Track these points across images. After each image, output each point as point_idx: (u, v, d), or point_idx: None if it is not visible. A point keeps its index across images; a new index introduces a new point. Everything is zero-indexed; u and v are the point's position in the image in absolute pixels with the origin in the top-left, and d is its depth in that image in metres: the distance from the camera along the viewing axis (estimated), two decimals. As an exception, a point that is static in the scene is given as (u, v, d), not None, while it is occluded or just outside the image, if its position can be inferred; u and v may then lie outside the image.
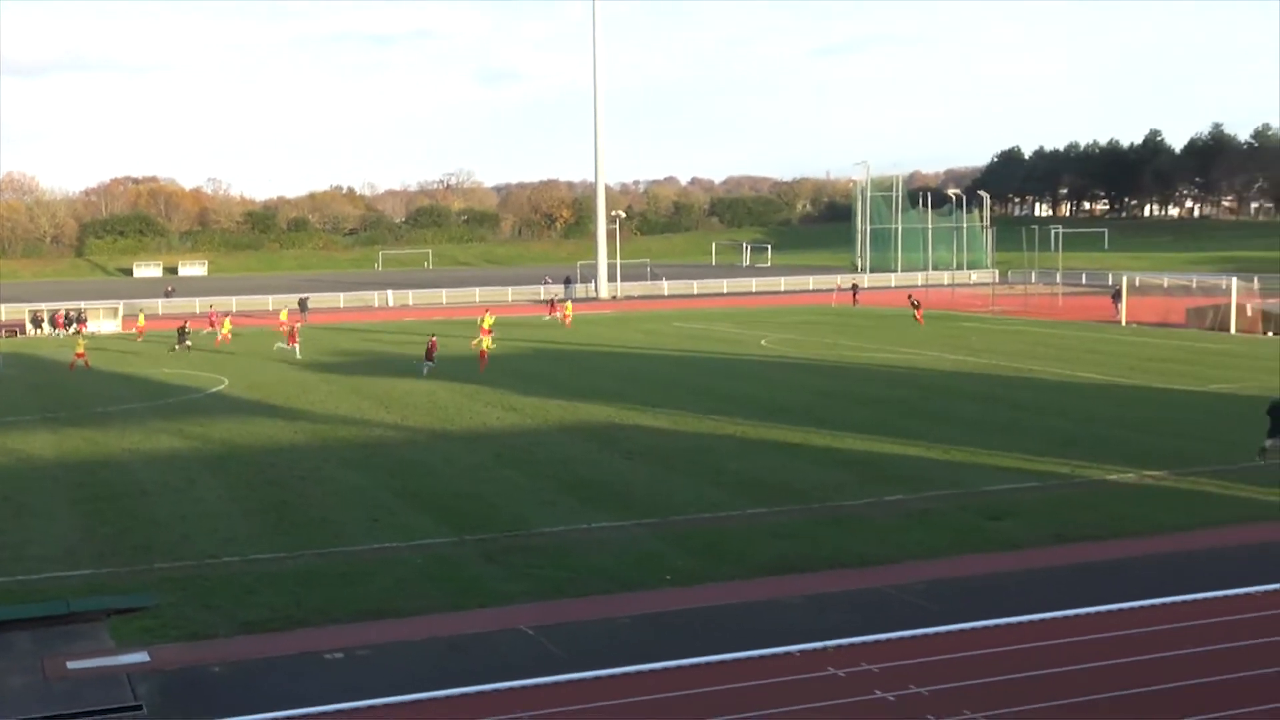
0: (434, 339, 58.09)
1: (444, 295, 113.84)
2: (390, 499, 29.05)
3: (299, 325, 70.19)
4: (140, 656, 18.49)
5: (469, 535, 25.60)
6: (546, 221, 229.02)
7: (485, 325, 65.00)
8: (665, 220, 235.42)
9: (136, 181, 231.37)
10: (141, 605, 20.04)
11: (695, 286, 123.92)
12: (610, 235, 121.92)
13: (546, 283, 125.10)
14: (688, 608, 20.78)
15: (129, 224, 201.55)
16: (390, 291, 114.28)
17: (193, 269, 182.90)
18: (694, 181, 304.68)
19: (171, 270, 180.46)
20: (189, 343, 67.22)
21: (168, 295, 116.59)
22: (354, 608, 21.05)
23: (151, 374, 56.31)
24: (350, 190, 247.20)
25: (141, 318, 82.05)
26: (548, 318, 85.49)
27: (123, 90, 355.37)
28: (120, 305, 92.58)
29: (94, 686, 17.11)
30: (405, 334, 75.27)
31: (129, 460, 34.60)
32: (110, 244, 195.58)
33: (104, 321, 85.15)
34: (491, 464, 33.07)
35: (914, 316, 77.32)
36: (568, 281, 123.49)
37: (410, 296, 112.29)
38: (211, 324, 75.90)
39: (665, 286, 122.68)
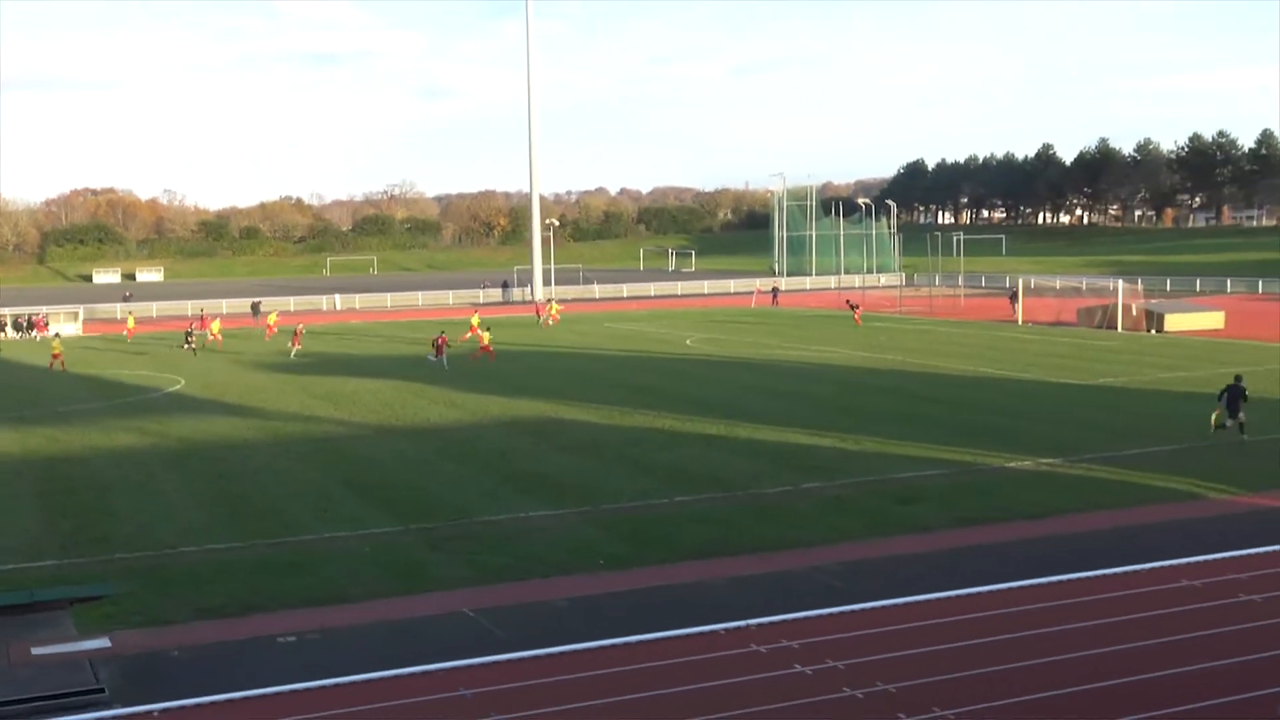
0: (444, 335, 58.72)
1: (389, 299, 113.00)
2: (339, 491, 28.78)
3: (302, 327, 69.46)
4: (102, 642, 18.21)
5: (414, 524, 25.43)
6: (485, 229, 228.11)
7: (474, 324, 67.24)
8: (596, 228, 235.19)
9: (95, 193, 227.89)
10: (102, 594, 19.74)
11: (625, 290, 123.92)
12: (545, 242, 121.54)
13: (485, 286, 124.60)
14: (619, 590, 20.75)
15: (88, 233, 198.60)
16: (338, 296, 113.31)
17: (149, 275, 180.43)
18: (623, 192, 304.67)
19: (129, 276, 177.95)
20: (194, 344, 66.55)
21: (125, 300, 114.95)
22: (305, 594, 20.84)
23: (111, 375, 55.47)
24: (299, 200, 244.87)
25: (131, 320, 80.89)
26: (540, 318, 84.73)
27: (81, 106, 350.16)
28: (80, 310, 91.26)
29: (57, 671, 16.83)
30: (354, 334, 74.71)
31: (90, 457, 34.05)
32: (70, 252, 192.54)
33: (64, 325, 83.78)
34: (434, 457, 32.87)
35: (853, 318, 77.80)
36: (505, 286, 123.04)
37: (357, 300, 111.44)
38: (203, 325, 75.06)
39: (597, 290, 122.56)
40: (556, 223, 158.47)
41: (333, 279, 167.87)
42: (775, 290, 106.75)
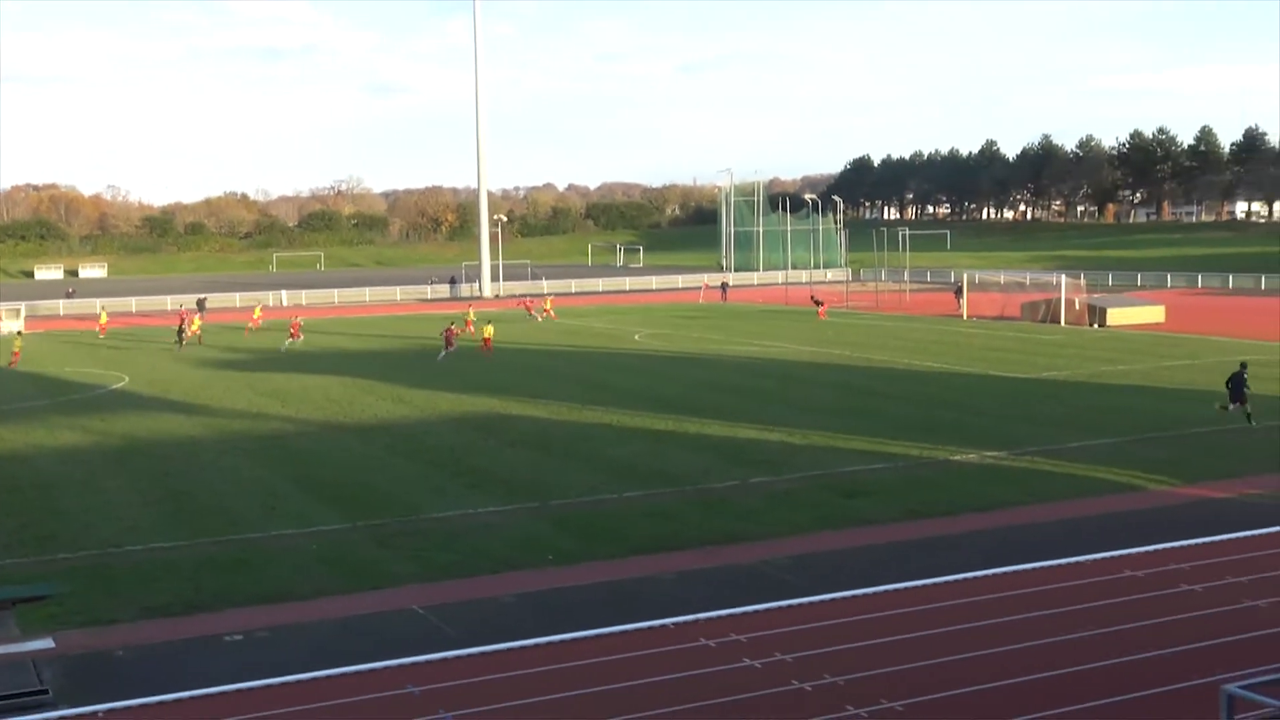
0: (452, 328, 59.45)
1: (336, 295, 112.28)
2: (286, 488, 28.54)
3: (299, 321, 68.78)
4: (45, 643, 17.93)
5: (361, 521, 25.25)
6: (432, 225, 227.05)
7: (471, 319, 69.13)
8: (544, 224, 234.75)
9: (37, 188, 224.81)
10: (46, 594, 19.44)
11: (573, 285, 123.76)
12: (493, 238, 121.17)
13: (433, 283, 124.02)
14: (568, 586, 20.71)
15: (30, 229, 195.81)
16: (284, 292, 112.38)
17: (93, 271, 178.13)
18: (570, 187, 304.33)
19: (72, 273, 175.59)
20: (190, 339, 66.29)
21: (69, 296, 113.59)
22: (252, 592, 20.63)
23: (55, 372, 54.75)
24: (245, 196, 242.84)
25: (104, 315, 79.87)
26: (530, 313, 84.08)
27: (23, 101, 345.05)
28: (22, 306, 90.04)
29: (0, 672, 16.59)
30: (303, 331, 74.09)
31: (32, 455, 33.56)
32: (12, 248, 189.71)
33: (6, 322, 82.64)
34: (383, 454, 32.71)
35: (816, 313, 78.03)
36: (453, 281, 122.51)
37: (304, 296, 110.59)
38: (181, 321, 74.64)
39: (545, 285, 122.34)
40: (504, 218, 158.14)
41: (280, 275, 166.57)
42: (724, 285, 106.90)
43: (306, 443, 34.75)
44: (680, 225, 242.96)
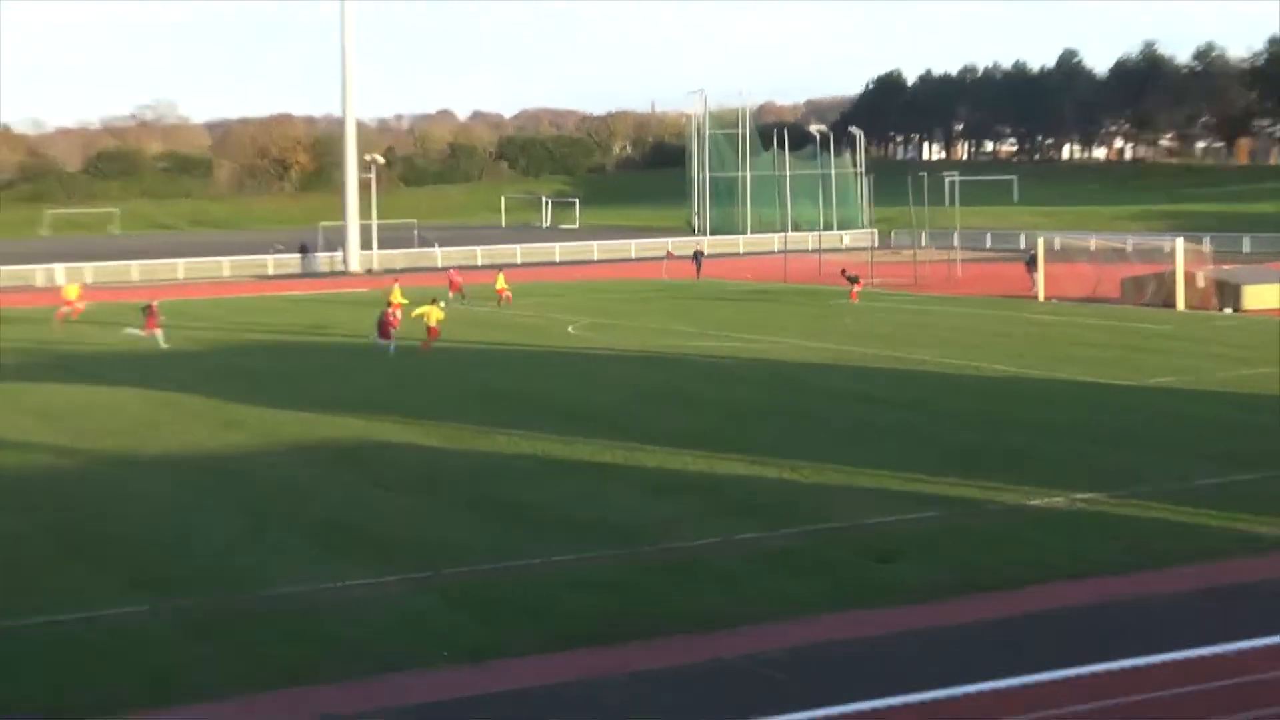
0: (391, 312, 60.94)
1: (135, 269, 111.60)
2: (49, 551, 28.01)
3: (157, 303, 67.64)
4: None
5: (166, 600, 24.69)
6: (277, 170, 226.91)
7: (396, 300, 66.77)
8: (438, 167, 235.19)
9: None
10: None
11: (480, 255, 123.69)
12: (364, 188, 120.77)
13: (277, 251, 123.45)
14: (471, 695, 20.24)
15: None
16: (60, 266, 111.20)
17: None
18: (476, 116, 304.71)
19: None
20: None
21: None
22: (-3, 708, 20.07)
23: None
24: (6, 130, 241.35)
25: (73, 290, 78.65)
26: (458, 297, 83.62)
27: None
28: None
29: None
30: (89, 323, 73.40)
31: None
32: None
33: None
34: (198, 500, 32.27)
35: (848, 295, 77.99)
36: (305, 250, 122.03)
37: (89, 272, 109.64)
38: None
39: (439, 255, 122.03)
40: (381, 159, 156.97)
41: (54, 241, 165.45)
42: (697, 255, 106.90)
43: (85, 486, 34.19)
44: (633, 169, 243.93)
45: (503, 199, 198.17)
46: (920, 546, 27.35)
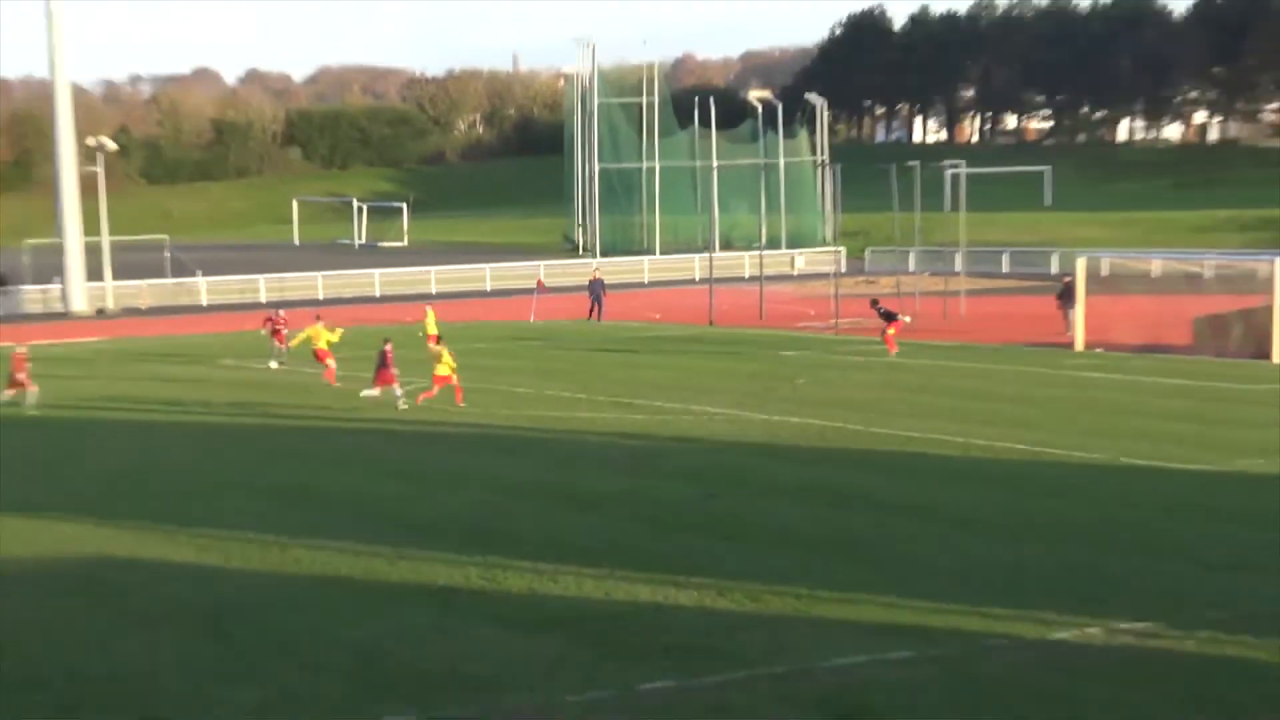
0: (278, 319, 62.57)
1: None
2: None
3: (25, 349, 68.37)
4: None
5: None
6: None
7: (320, 339, 72.52)
8: (198, 155, 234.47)
9: None
10: None
11: (263, 287, 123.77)
12: (87, 187, 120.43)
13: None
14: None
15: None
16: None
17: None
18: (252, 77, 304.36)
19: None
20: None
21: None
22: None
23: None
24: None
25: None
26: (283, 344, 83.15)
27: None
28: None
29: None
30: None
31: None
32: None
33: None
34: None
35: (883, 341, 78.12)
36: (1, 283, 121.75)
37: None
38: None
39: (203, 287, 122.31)
40: (111, 144, 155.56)
41: None
42: (597, 287, 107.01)
43: None
44: (487, 157, 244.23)
45: (294, 204, 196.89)
46: (900, 700, 26.72)
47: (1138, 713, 26.39)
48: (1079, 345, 76.67)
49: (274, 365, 76.66)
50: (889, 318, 78.37)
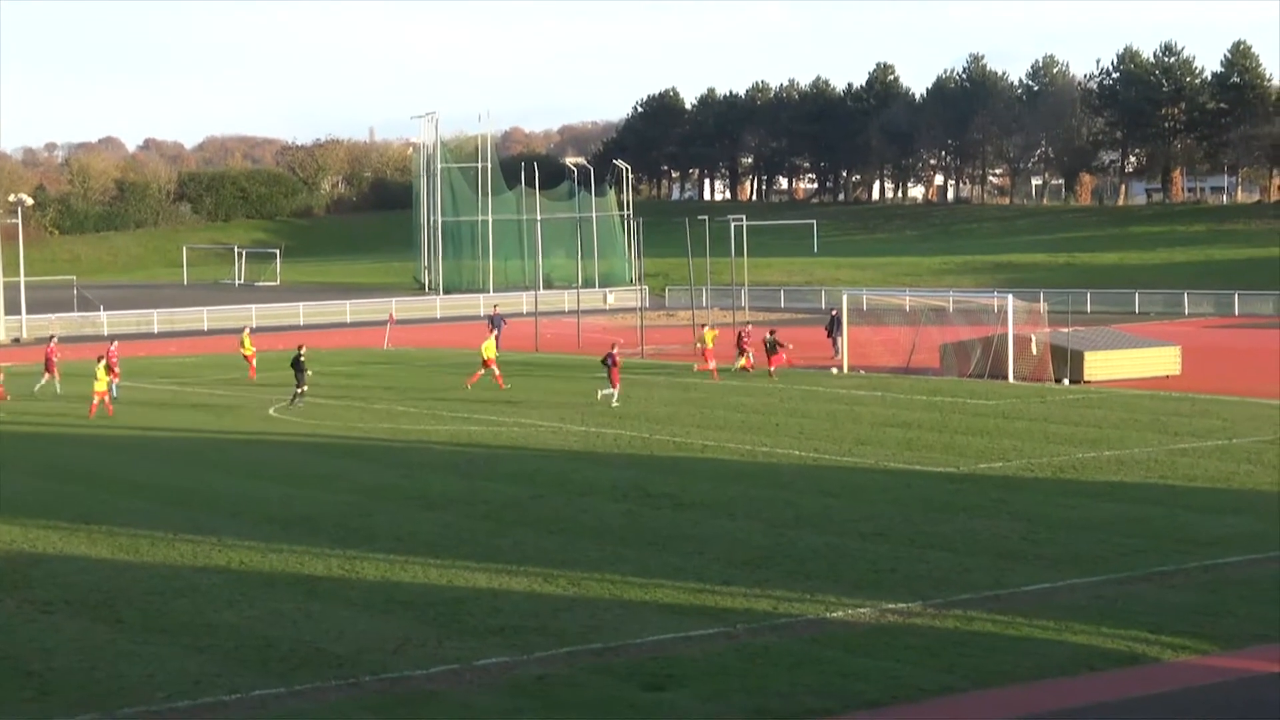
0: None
1: None
2: None
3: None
4: None
5: None
6: None
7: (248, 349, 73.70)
8: (103, 209, 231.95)
9: None
10: None
11: (156, 321, 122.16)
12: (7, 236, 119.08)
13: None
14: None
15: None
16: None
17: None
18: (149, 145, 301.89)
19: None
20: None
21: None
22: None
23: None
24: None
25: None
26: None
27: None
28: None
29: None
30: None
31: None
32: None
33: None
34: None
35: (764, 364, 77.37)
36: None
37: None
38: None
39: (105, 320, 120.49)
40: (29, 200, 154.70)
41: None
42: (497, 321, 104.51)
43: None
44: (348, 212, 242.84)
45: (184, 250, 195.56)
46: (701, 671, 27.49)
47: (904, 682, 27.19)
48: (844, 368, 76.28)
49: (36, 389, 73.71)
50: (773, 348, 77.27)
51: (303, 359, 68.39)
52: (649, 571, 34.93)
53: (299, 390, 67.58)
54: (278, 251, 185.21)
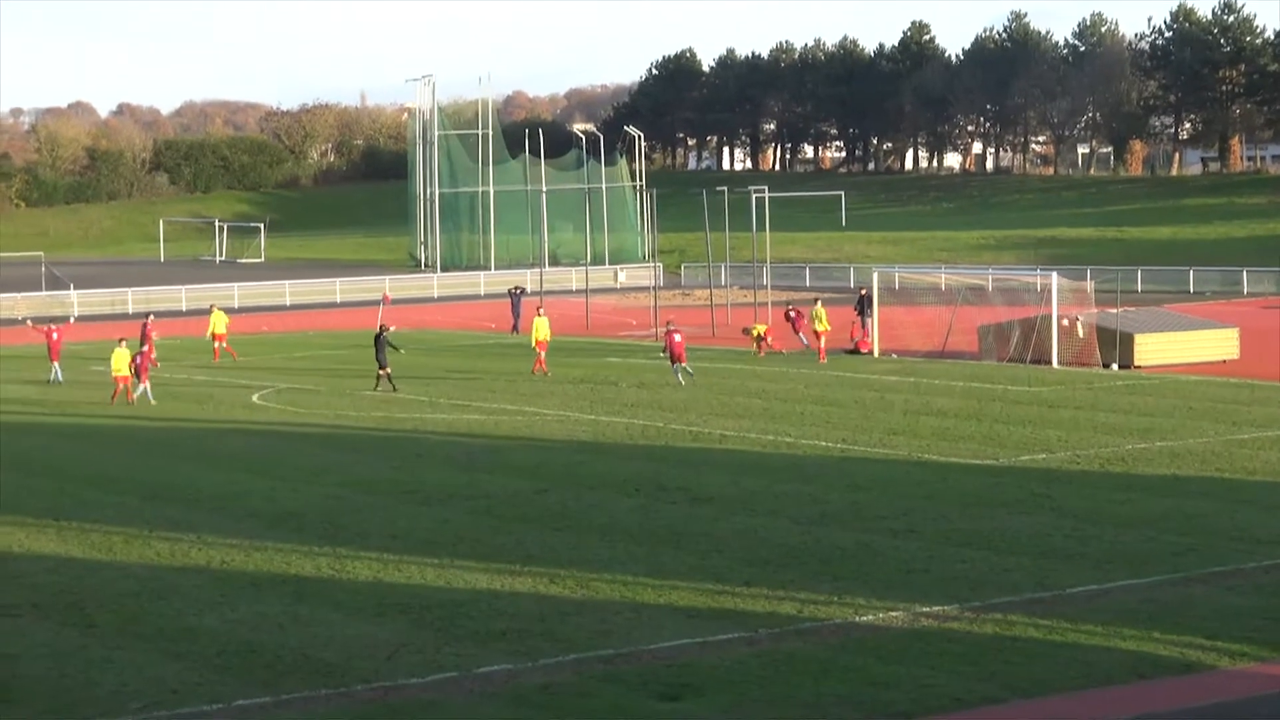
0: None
1: None
2: None
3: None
4: None
5: None
6: None
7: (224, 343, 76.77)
8: (73, 180, 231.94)
9: None
10: None
11: (130, 300, 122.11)
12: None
13: None
14: None
15: None
16: None
17: None
18: (123, 110, 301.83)
19: None
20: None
21: None
22: None
23: None
24: None
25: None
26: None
27: None
28: None
29: None
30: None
31: None
32: None
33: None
34: None
35: (756, 349, 78.34)
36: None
37: None
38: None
39: (74, 299, 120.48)
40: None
41: None
42: (516, 294, 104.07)
43: None
44: (337, 183, 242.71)
45: (161, 224, 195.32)
46: (719, 679, 27.47)
47: (939, 692, 27.23)
48: (874, 351, 76.00)
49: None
50: (759, 340, 79.17)
51: (387, 338, 69.18)
52: (663, 572, 34.89)
53: (382, 372, 67.95)
54: (262, 225, 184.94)
